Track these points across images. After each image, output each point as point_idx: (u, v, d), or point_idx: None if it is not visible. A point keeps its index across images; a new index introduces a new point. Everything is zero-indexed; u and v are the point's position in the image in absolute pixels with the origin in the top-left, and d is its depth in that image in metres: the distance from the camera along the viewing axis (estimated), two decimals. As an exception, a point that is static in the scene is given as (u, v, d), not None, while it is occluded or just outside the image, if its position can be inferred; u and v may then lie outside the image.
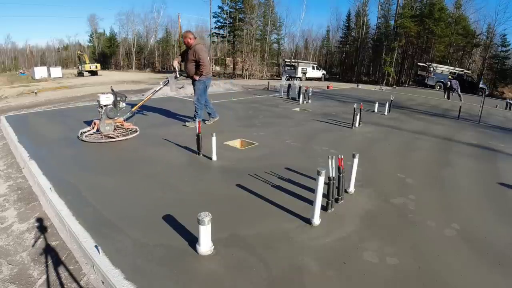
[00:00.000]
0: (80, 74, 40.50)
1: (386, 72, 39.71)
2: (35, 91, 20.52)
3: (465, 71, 33.15)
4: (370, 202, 3.73)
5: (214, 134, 4.93)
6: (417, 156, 5.98)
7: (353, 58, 51.01)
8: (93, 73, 41.40)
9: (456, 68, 32.94)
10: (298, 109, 10.67)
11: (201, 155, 5.20)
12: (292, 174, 4.45)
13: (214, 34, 49.53)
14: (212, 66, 52.82)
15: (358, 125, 8.05)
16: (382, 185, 4.25)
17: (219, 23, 48.80)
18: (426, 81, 30.46)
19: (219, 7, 47.67)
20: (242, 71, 45.87)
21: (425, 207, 3.69)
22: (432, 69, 30.15)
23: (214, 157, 4.99)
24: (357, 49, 48.92)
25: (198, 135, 5.17)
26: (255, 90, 17.62)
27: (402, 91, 24.33)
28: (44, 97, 17.77)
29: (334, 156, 3.24)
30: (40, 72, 37.13)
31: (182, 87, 13.93)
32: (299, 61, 39.91)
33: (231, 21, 46.69)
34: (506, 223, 3.42)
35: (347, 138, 7.00)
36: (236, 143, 6.27)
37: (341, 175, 3.44)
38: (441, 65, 32.28)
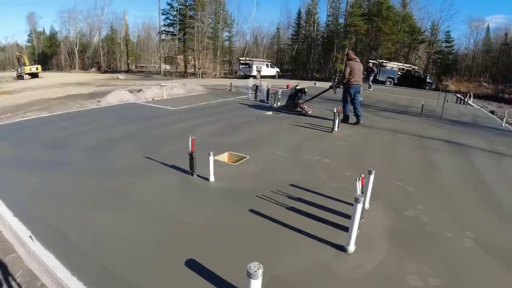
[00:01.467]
0: (20, 77, 37.20)
1: (338, 69, 40.85)
2: (-28, 98, 18.46)
3: (413, 67, 35.14)
4: (386, 217, 3.69)
5: (211, 153, 4.55)
6: (402, 158, 6.20)
7: (304, 55, 51.94)
8: (34, 75, 38.26)
9: (405, 64, 34.77)
10: (270, 113, 10.31)
11: (195, 175, 4.80)
12: (300, 192, 4.27)
13: (164, 32, 47.94)
14: (162, 64, 51.26)
15: (337, 129, 8.00)
16: (388, 197, 4.25)
17: (168, 20, 47.29)
18: (377, 77, 31.77)
19: (168, 4, 46.17)
20: (195, 70, 44.92)
21: (436, 217, 3.77)
22: (381, 66, 31.50)
23: (212, 178, 4.58)
24: (308, 46, 49.88)
25: (191, 154, 4.72)
26: (219, 92, 17.15)
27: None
28: (-17, 105, 16.02)
29: (358, 178, 3.09)
30: (-25, 77, 33.65)
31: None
32: (253, 59, 39.83)
33: (181, 18, 45.41)
34: (508, 224, 3.72)
35: (332, 144, 6.90)
36: (224, 157, 5.88)
37: (363, 193, 3.32)
38: (390, 62, 33.84)
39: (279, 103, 11.51)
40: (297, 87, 10.34)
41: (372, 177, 3.58)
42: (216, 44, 47.04)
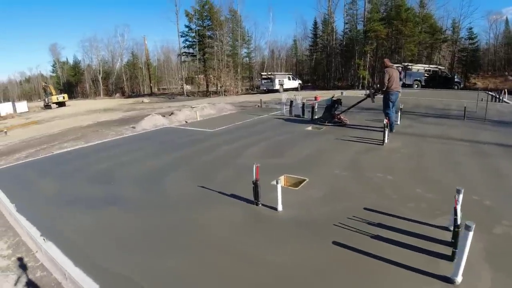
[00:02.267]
0: (48, 106, 38.49)
1: (361, 75, 40.16)
2: (5, 130, 18.94)
3: (439, 67, 34.05)
4: (476, 237, 3.16)
5: (278, 181, 4.16)
6: (466, 167, 5.65)
7: (324, 65, 51.48)
8: (61, 104, 39.49)
9: (431, 66, 33.77)
10: (310, 128, 9.83)
11: (260, 205, 4.37)
12: (377, 217, 3.88)
13: (184, 54, 48.68)
14: (184, 85, 51.84)
15: (387, 140, 7.46)
16: (470, 214, 3.68)
17: (187, 42, 48.15)
18: (404, 81, 30.85)
19: (186, 26, 47.09)
20: (216, 88, 45.18)
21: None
22: (407, 69, 30.62)
23: (280, 207, 4.19)
24: (328, 55, 49.44)
25: (256, 183, 4.29)
26: (249, 109, 16.88)
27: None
28: (16, 136, 16.28)
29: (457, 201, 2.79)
30: (5, 108, 35.01)
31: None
32: (275, 73, 39.72)
33: (200, 39, 46.03)
34: None
35: (389, 158, 6.40)
36: (280, 180, 5.46)
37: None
38: (416, 64, 32.93)
39: (316, 117, 11.08)
40: (333, 98, 10.17)
41: (461, 197, 3.19)
42: (236, 61, 47.28)
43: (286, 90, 37.56)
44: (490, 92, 20.28)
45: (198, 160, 6.94)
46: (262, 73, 41.42)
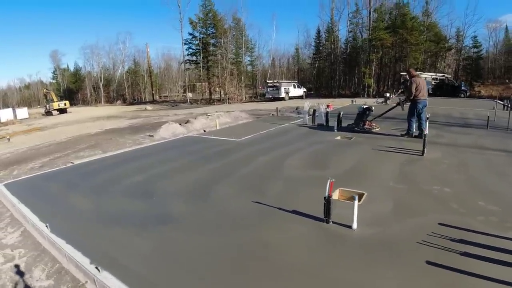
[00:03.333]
0: (49, 113, 37.87)
1: (366, 84, 39.89)
2: (7, 137, 18.33)
3: (446, 75, 33.81)
4: None
5: (356, 197, 3.76)
6: None
7: (327, 73, 51.27)
8: (62, 111, 38.90)
9: (438, 74, 33.53)
10: (339, 137, 9.44)
11: (331, 222, 3.94)
12: (456, 232, 3.63)
13: (187, 61, 48.27)
14: (187, 92, 51.39)
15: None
16: None
17: (191, 50, 47.74)
18: (403, 89, 30.56)
19: (190, 34, 46.71)
20: (220, 96, 44.77)
21: None
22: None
23: (355, 225, 3.80)
24: (332, 63, 49.25)
25: (328, 199, 3.85)
26: (265, 118, 16.40)
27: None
28: (21, 143, 15.62)
29: None
30: (5, 114, 34.38)
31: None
32: (281, 81, 39.35)
33: (204, 46, 45.69)
34: None
35: (436, 169, 6.07)
36: (335, 194, 4.96)
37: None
38: (423, 73, 32.68)
39: (341, 125, 10.77)
40: (364, 106, 10.20)
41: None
42: (240, 69, 46.97)
43: (291, 98, 37.28)
44: (498, 101, 20.09)
45: (238, 172, 6.42)
46: (268, 81, 41.01)
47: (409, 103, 8.70)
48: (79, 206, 4.98)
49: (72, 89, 64.59)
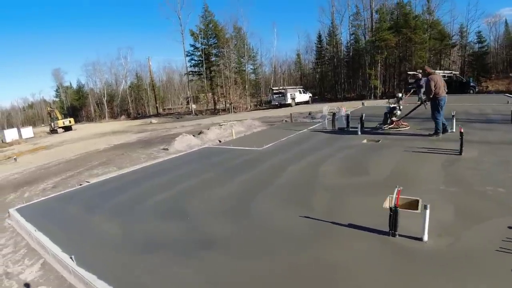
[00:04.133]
0: (54, 131, 37.60)
1: (372, 85, 39.34)
2: (14, 157, 17.89)
3: (453, 72, 33.25)
4: None
5: (428, 206, 3.26)
6: None
7: (331, 77, 50.84)
8: (67, 128, 38.63)
9: (445, 71, 32.95)
10: (365, 140, 8.99)
11: (397, 236, 3.49)
12: None
13: (191, 73, 47.94)
14: (191, 104, 51.01)
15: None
16: None
17: (193, 61, 47.35)
18: (415, 88, 30.04)
19: (191, 45, 46.39)
20: (225, 105, 44.33)
21: None
22: (421, 75, 29.75)
23: (426, 236, 3.38)
24: (335, 67, 48.82)
25: (395, 209, 3.39)
26: (278, 125, 15.87)
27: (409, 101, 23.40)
28: (28, 163, 15.12)
29: None
30: (10, 134, 34.11)
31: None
32: (286, 87, 38.88)
33: (206, 57, 45.36)
34: None
35: (480, 169, 5.62)
36: (385, 202, 4.52)
37: None
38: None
39: (364, 129, 10.39)
40: (391, 105, 10.18)
41: None
42: (244, 77, 46.60)
43: (298, 104, 36.79)
44: (509, 95, 19.65)
45: (271, 183, 5.86)
46: (273, 88, 40.56)
47: (429, 102, 8.53)
48: (104, 231, 4.41)
49: (76, 106, 64.54)
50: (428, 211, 3.25)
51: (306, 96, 39.16)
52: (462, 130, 6.45)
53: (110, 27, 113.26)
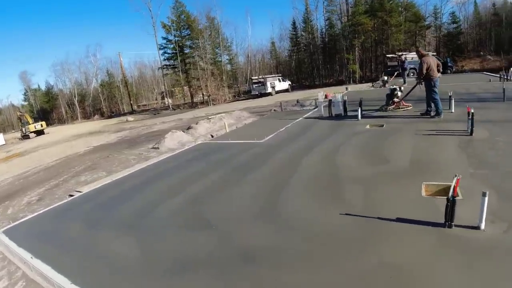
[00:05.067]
0: (26, 136, 35.58)
1: (351, 70, 39.33)
2: (-13, 167, 16.55)
3: (431, 53, 33.57)
4: None
5: (487, 193, 2.99)
6: None
7: (308, 63, 50.59)
8: (39, 132, 36.66)
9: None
10: (368, 126, 8.67)
11: (453, 226, 3.19)
12: None
13: (165, 67, 46.40)
14: (166, 99, 49.64)
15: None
16: None
17: (167, 54, 45.77)
18: (399, 71, 30.16)
19: (164, 38, 44.74)
20: (203, 98, 43.32)
21: None
22: (404, 58, 29.83)
23: (483, 225, 3.12)
24: (311, 54, 48.56)
25: (453, 200, 3.09)
26: (269, 114, 15.31)
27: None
28: (3, 172, 13.92)
29: None
30: (-21, 143, 31.98)
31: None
32: (265, 76, 38.28)
33: (180, 49, 43.94)
34: None
35: (499, 149, 5.41)
36: (423, 191, 4.20)
37: None
38: (410, 53, 32.36)
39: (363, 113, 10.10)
40: (392, 87, 10.33)
41: None
42: (220, 68, 45.59)
43: (278, 92, 36.36)
44: (488, 73, 20.14)
45: (290, 179, 5.33)
46: (252, 78, 39.87)
47: (424, 83, 8.57)
48: (117, 252, 3.73)
49: (46, 109, 61.61)
50: (486, 198, 2.97)
51: (285, 84, 38.77)
52: (472, 111, 6.17)
53: (76, 24, 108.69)
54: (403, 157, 5.57)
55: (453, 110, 8.81)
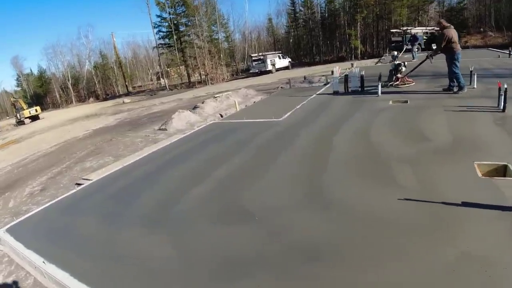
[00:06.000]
0: (20, 122, 34.66)
1: (353, 46, 38.27)
2: (-18, 156, 15.77)
3: (435, 28, 32.61)
4: None
5: None
6: None
7: (307, 40, 49.30)
8: (34, 118, 35.72)
9: (428, 28, 32.30)
10: (391, 102, 8.10)
11: None
12: None
13: (160, 46, 44.95)
14: (162, 80, 48.46)
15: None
16: None
17: (162, 33, 44.26)
18: (405, 46, 29.28)
19: (158, 16, 43.13)
20: (200, 77, 42.20)
21: None
22: (415, 32, 28.96)
23: None
24: (311, 29, 47.23)
25: None
26: (278, 92, 14.60)
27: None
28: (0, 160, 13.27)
29: None
30: (-26, 131, 31.06)
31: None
32: (265, 53, 37.13)
33: (175, 27, 42.46)
34: None
35: None
36: (477, 171, 3.74)
37: None
38: (415, 28, 31.39)
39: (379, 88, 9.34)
40: (396, 62, 10.10)
41: None
42: (218, 46, 44.28)
43: (278, 70, 35.41)
44: (492, 49, 19.64)
45: (327, 160, 4.75)
46: (252, 55, 38.72)
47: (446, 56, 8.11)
48: (147, 254, 3.13)
49: (40, 94, 60.11)
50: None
51: (285, 62, 37.74)
52: (506, 86, 5.68)
53: (67, 4, 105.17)
54: (442, 135, 5.07)
55: (475, 86, 8.33)
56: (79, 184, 5.93)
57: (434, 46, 15.29)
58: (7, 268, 3.62)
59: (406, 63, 10.01)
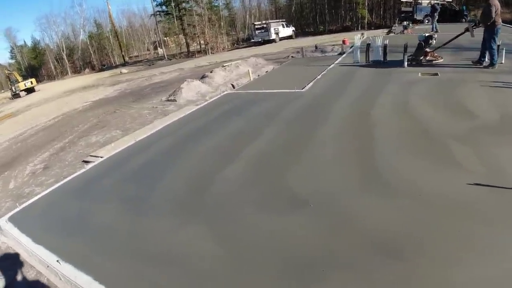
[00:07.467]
0: (16, 95, 33.61)
1: (360, 15, 36.73)
2: (-22, 132, 15.02)
3: (447, 0, 31.28)
4: None
5: None
6: None
7: (312, 8, 47.43)
8: (30, 90, 34.66)
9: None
10: (420, 74, 7.45)
11: None
12: None
13: (157, 13, 43.17)
14: (159, 49, 46.93)
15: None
16: None
17: (159, 0, 42.46)
18: (415, 17, 28.06)
19: (155, -20, 41.16)
20: (200, 47, 40.77)
21: None
22: (435, 3, 27.69)
23: None
24: (315, -3, 45.34)
25: None
26: (290, 61, 13.77)
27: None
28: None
29: None
30: (-32, 106, 30.04)
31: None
32: (269, 21, 35.60)
33: (173, -7, 40.53)
34: None
35: None
36: None
37: None
38: (426, -1, 29.96)
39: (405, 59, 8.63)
40: (426, 34, 8.76)
41: None
42: (218, 14, 42.56)
43: (281, 39, 34.13)
44: (503, 24, 18.52)
45: (377, 136, 4.18)
46: (255, 23, 37.18)
47: (486, 28, 7.39)
48: (188, 251, 2.53)
49: (34, 66, 58.37)
50: None
51: (289, 30, 36.35)
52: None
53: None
54: (488, 111, 4.53)
55: (503, 61, 7.65)
56: (87, 162, 5.30)
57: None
58: (13, 266, 3.03)
59: (436, 35, 8.84)
